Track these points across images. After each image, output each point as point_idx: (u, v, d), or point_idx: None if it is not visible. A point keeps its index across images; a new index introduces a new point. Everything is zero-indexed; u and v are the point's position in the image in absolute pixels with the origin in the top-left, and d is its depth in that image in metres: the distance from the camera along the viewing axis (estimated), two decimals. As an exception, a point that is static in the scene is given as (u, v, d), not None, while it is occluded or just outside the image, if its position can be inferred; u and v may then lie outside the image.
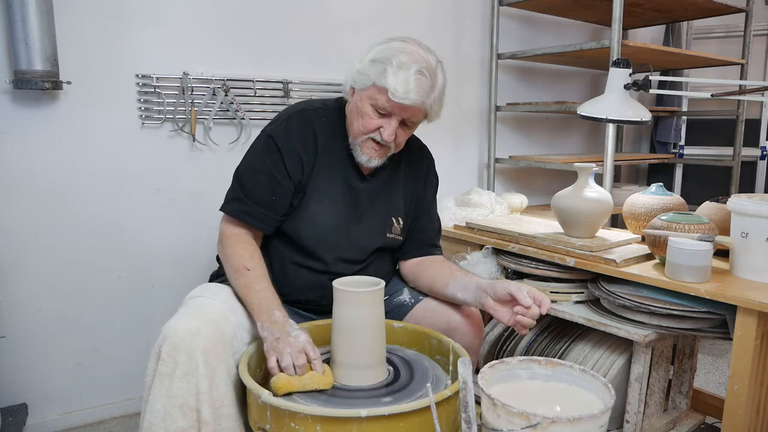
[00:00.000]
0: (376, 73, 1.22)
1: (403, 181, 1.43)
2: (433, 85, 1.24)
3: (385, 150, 1.30)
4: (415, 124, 1.31)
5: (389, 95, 1.20)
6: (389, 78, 1.20)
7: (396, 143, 1.30)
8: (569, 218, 1.65)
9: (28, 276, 1.76)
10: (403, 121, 1.27)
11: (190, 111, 1.90)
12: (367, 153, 1.29)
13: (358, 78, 1.26)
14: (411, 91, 1.19)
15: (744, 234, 1.38)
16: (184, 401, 1.06)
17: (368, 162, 1.31)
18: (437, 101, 1.27)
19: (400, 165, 1.42)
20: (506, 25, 2.61)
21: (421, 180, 1.46)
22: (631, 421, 1.52)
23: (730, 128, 2.83)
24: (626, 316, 1.49)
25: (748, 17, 2.67)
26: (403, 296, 1.42)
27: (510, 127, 2.78)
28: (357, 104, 1.28)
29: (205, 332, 1.08)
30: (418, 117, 1.28)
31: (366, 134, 1.27)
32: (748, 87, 1.91)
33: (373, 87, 1.23)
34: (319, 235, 1.31)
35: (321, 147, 1.32)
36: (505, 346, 1.80)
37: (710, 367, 2.31)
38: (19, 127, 1.69)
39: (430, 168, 1.50)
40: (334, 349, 1.13)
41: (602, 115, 1.48)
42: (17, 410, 1.73)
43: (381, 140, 1.27)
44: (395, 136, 1.27)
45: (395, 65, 1.20)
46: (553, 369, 1.02)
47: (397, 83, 1.19)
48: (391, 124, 1.25)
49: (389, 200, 1.40)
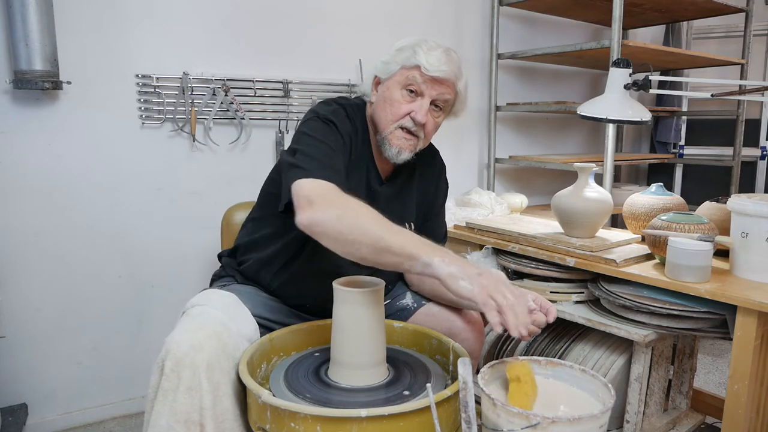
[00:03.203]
0: (405, 57, 1.24)
1: (417, 187, 1.41)
2: (460, 69, 1.27)
3: (415, 141, 1.27)
4: (444, 109, 1.29)
5: (422, 70, 1.21)
6: (420, 55, 1.22)
7: (425, 132, 1.27)
8: (569, 218, 1.65)
9: (28, 276, 1.76)
10: (434, 104, 1.26)
11: (190, 111, 1.90)
12: (397, 144, 1.25)
13: (383, 68, 1.27)
14: (444, 64, 1.21)
15: (744, 234, 1.38)
16: (188, 416, 1.05)
17: (397, 155, 1.26)
18: (464, 89, 1.29)
19: (414, 171, 1.40)
20: (506, 25, 2.62)
21: (433, 185, 1.45)
22: (631, 421, 1.52)
23: (730, 128, 2.83)
24: (626, 316, 1.49)
25: (748, 17, 2.67)
26: (405, 300, 1.41)
27: (510, 127, 2.78)
28: (384, 94, 1.26)
29: (208, 347, 1.07)
30: (449, 97, 1.27)
31: (396, 121, 1.24)
32: (748, 87, 1.91)
33: (403, 69, 1.24)
34: None
35: (356, 142, 1.28)
36: (505, 346, 1.80)
37: (710, 367, 2.31)
38: (19, 127, 1.69)
39: (442, 173, 1.49)
40: (334, 349, 1.13)
41: (602, 115, 1.48)
42: (17, 410, 1.73)
43: (413, 125, 1.24)
44: (425, 123, 1.25)
45: (425, 48, 1.23)
46: (553, 369, 1.02)
47: (429, 57, 1.21)
48: (423, 105, 1.23)
49: (404, 205, 1.38)
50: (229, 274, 1.41)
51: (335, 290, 1.11)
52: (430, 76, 1.22)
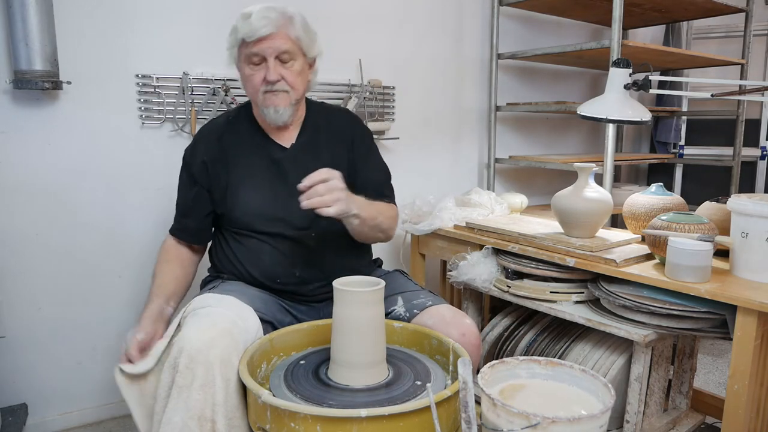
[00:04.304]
0: (234, 39, 1.35)
1: (326, 142, 1.46)
2: (285, 15, 1.33)
3: (284, 95, 1.36)
4: (292, 58, 1.35)
5: (248, 41, 1.31)
6: (240, 31, 1.31)
7: (290, 84, 1.35)
8: (569, 218, 1.65)
9: (28, 276, 1.76)
10: (280, 58, 1.33)
11: (190, 111, 1.90)
12: (270, 103, 1.36)
13: (230, 56, 1.39)
14: (262, 26, 1.29)
15: (744, 234, 1.38)
16: (201, 413, 1.07)
17: (276, 113, 1.36)
18: (302, 30, 1.35)
19: (319, 129, 1.47)
20: (506, 25, 2.62)
21: (347, 138, 1.48)
22: (631, 421, 1.52)
23: (730, 128, 2.83)
24: (626, 316, 1.49)
25: (748, 17, 2.67)
26: (398, 310, 1.38)
27: (510, 127, 2.78)
28: (242, 76, 1.39)
29: (221, 343, 1.10)
30: (290, 45, 1.33)
31: (258, 92, 1.35)
32: (748, 87, 1.91)
33: (236, 49, 1.36)
34: (254, 211, 1.39)
35: (230, 142, 1.43)
36: (505, 346, 1.80)
37: (710, 367, 2.31)
38: (19, 127, 1.69)
39: (356, 125, 1.53)
40: (334, 349, 1.13)
41: (602, 115, 1.48)
42: (17, 410, 1.73)
43: (271, 85, 1.34)
44: (282, 76, 1.34)
45: (241, 20, 1.32)
46: (553, 369, 1.02)
47: (245, 28, 1.30)
48: (270, 66, 1.32)
49: (316, 161, 1.39)
50: (217, 276, 1.48)
51: (335, 290, 1.11)
52: (255, 41, 1.30)
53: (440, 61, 2.47)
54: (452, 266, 1.86)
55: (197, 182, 1.44)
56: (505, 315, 1.91)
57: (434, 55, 2.45)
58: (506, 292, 1.74)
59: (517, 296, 1.71)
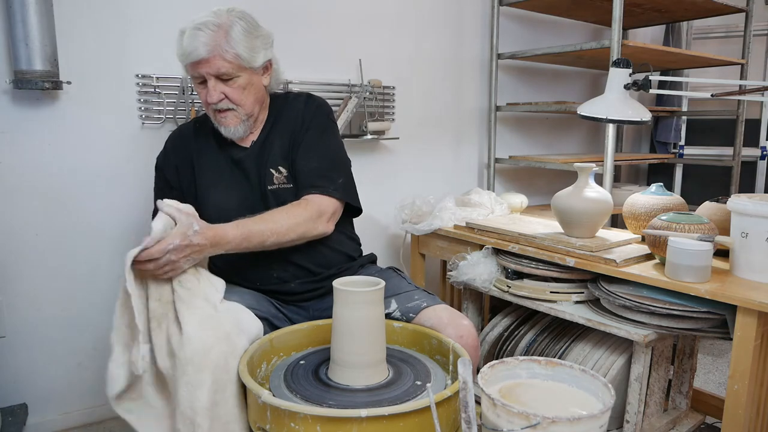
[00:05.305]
0: (179, 58, 1.32)
1: (279, 134, 1.43)
2: (220, 31, 1.27)
3: (231, 114, 1.35)
4: (233, 76, 1.31)
5: (188, 63, 1.29)
6: (179, 53, 1.30)
7: (234, 101, 1.33)
8: (569, 218, 1.65)
9: (28, 276, 1.76)
10: (221, 78, 1.30)
11: (190, 111, 1.90)
12: (221, 123, 1.36)
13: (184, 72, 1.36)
14: (192, 50, 1.26)
15: (744, 234, 1.38)
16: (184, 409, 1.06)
17: (227, 131, 1.36)
18: (243, 41, 1.29)
19: (276, 122, 1.45)
20: (506, 25, 2.62)
21: (297, 124, 1.42)
22: (631, 421, 1.52)
23: (730, 128, 2.83)
24: (626, 316, 1.49)
25: (748, 17, 2.67)
26: (391, 313, 1.35)
27: (510, 127, 2.78)
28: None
29: (218, 348, 1.09)
30: (227, 67, 1.29)
31: (209, 108, 1.36)
32: (748, 87, 1.91)
33: (186, 68, 1.33)
34: (222, 213, 1.29)
35: (197, 147, 1.44)
36: (505, 346, 1.80)
37: (710, 367, 2.31)
38: (19, 127, 1.69)
39: (308, 110, 1.44)
40: (334, 349, 1.13)
41: (602, 115, 1.48)
42: (17, 410, 1.73)
43: (216, 105, 1.33)
44: (226, 96, 1.32)
45: (178, 42, 1.30)
46: (553, 369, 1.02)
47: (179, 48, 1.29)
48: (210, 87, 1.30)
49: (269, 157, 1.40)
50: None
51: (335, 290, 1.11)
52: (191, 64, 1.29)
53: (440, 61, 2.47)
54: (452, 266, 1.86)
55: (173, 187, 1.44)
56: (505, 315, 1.91)
57: (434, 55, 2.45)
58: (506, 292, 1.74)
59: (517, 296, 1.71)
